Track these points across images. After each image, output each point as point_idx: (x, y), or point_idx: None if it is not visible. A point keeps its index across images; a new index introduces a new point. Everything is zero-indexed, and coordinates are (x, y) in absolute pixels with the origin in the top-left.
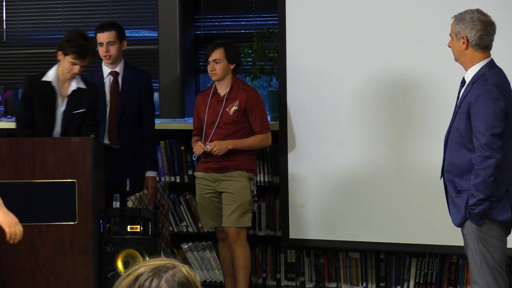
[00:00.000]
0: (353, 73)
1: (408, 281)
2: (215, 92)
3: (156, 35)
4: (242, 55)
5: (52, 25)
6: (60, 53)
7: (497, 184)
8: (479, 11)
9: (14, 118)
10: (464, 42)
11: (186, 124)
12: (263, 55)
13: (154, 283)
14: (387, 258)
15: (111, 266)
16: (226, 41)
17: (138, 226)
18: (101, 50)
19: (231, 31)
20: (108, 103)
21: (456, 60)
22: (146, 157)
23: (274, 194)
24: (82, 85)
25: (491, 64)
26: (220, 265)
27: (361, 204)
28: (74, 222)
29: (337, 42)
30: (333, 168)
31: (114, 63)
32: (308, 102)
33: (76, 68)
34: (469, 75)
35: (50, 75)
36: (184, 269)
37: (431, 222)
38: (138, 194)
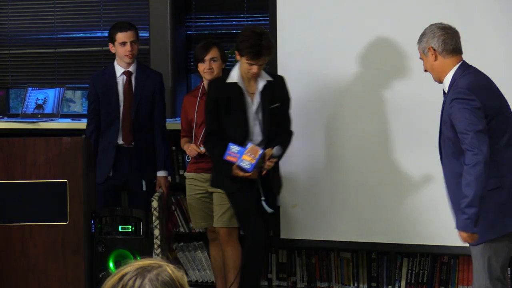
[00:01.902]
0: (345, 73)
1: (400, 281)
2: (204, 92)
3: (147, 35)
4: (233, 55)
5: (44, 25)
6: (237, 53)
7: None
8: (436, 24)
9: (19, 118)
10: (432, 54)
11: (177, 124)
12: None
13: (137, 282)
14: (379, 258)
15: (103, 266)
16: (215, 39)
17: (130, 226)
18: (124, 49)
19: (223, 31)
20: (122, 103)
21: (435, 79)
22: (158, 156)
23: None
24: (269, 78)
25: (463, 67)
26: (211, 265)
27: (353, 204)
28: (66, 222)
29: (328, 42)
30: (325, 168)
31: (129, 62)
32: (299, 102)
33: (255, 68)
34: (446, 85)
35: (234, 76)
36: (169, 268)
37: (422, 222)
38: (157, 193)
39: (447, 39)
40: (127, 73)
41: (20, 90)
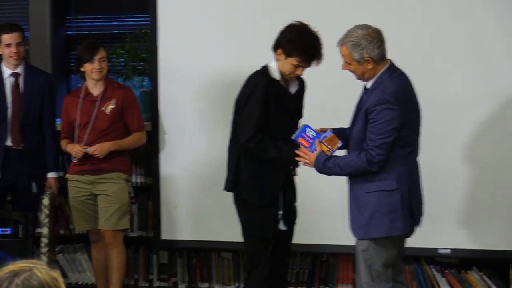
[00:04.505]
0: (226, 73)
1: None
2: (87, 93)
3: (27, 35)
4: (114, 56)
5: None
6: (280, 51)
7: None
8: (361, 27)
9: None
10: (369, 63)
11: (58, 125)
12: (136, 55)
13: (4, 286)
14: None
15: None
16: (96, 40)
17: (9, 229)
18: (9, 51)
19: (103, 31)
20: (10, 105)
21: (359, 78)
22: (48, 157)
23: (146, 195)
24: (296, 81)
25: (390, 70)
26: (92, 267)
27: (232, 205)
28: None
29: (209, 42)
30: (205, 168)
31: (16, 64)
32: (180, 103)
33: (300, 70)
34: (369, 83)
35: (275, 73)
36: (39, 272)
37: (303, 222)
38: (48, 193)
39: (382, 46)
40: (15, 75)
41: None
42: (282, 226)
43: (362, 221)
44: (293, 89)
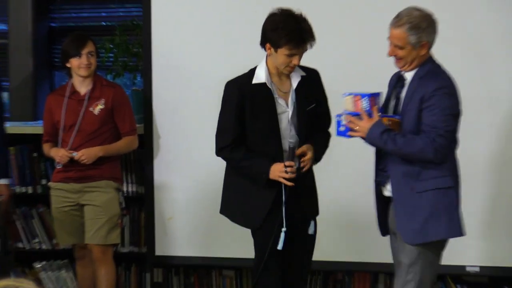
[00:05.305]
0: (227, 70)
1: None
2: (74, 91)
3: (5, 28)
4: (103, 50)
5: None
6: (268, 46)
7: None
8: (416, 8)
9: None
10: (425, 48)
11: (40, 128)
12: (127, 50)
13: None
14: None
15: None
16: (84, 33)
17: None
18: None
19: (91, 23)
20: None
21: (403, 66)
22: None
23: (139, 205)
24: (303, 73)
25: (433, 59)
26: (77, 285)
27: None
28: None
29: (207, 35)
30: (205, 176)
31: None
32: (176, 102)
33: (296, 59)
34: (411, 72)
35: (261, 76)
36: None
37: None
38: None
39: (437, 31)
40: None
41: None
42: (280, 245)
43: (416, 224)
44: (295, 82)
